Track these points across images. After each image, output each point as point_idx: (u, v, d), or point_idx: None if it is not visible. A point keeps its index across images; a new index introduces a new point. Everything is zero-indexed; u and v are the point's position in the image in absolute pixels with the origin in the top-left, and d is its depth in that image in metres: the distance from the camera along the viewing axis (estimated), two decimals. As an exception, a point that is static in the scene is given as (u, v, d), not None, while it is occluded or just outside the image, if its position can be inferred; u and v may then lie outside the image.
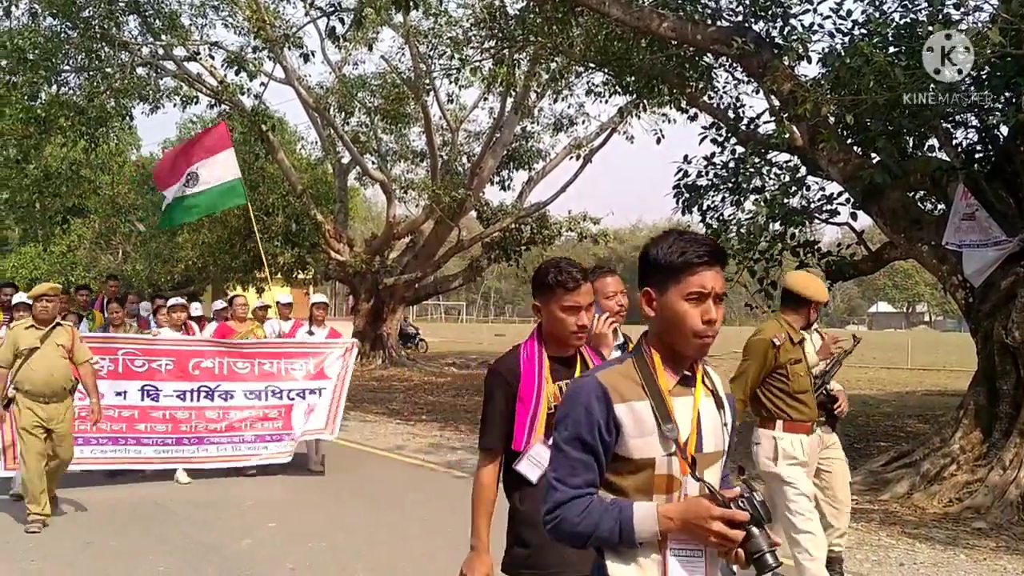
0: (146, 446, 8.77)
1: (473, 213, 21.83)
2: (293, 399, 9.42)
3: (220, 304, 11.08)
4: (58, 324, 7.27)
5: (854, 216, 10.73)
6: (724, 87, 12.17)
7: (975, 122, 9.63)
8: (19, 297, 8.74)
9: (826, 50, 9.35)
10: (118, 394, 8.68)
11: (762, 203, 10.37)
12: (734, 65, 11.39)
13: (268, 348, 9.67)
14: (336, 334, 10.28)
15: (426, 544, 6.85)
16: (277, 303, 10.83)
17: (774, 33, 10.22)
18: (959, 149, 9.65)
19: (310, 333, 10.09)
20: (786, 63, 9.57)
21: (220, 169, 10.60)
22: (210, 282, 24.82)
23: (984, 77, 8.46)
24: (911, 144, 9.95)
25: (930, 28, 7.78)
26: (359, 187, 29.61)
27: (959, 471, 8.69)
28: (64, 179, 24.60)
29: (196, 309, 11.47)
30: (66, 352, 7.17)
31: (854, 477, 9.48)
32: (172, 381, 8.97)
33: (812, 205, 11.15)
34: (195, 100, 18.92)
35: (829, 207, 11.11)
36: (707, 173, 11.31)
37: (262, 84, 18.75)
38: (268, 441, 9.26)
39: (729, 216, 11.17)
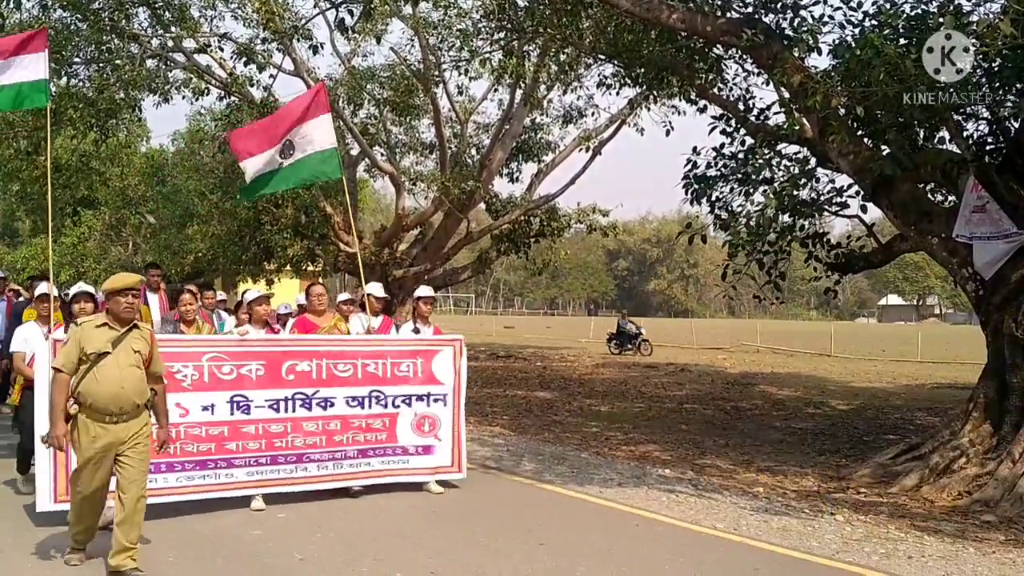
0: (238, 468, 7.47)
1: (482, 205, 21.81)
2: (399, 406, 8.26)
3: (302, 298, 9.93)
4: (135, 325, 5.86)
5: (864, 208, 10.71)
6: (734, 79, 12.14)
7: (986, 114, 9.58)
8: (78, 287, 7.78)
9: (836, 42, 9.32)
10: (204, 408, 7.34)
11: (771, 195, 10.34)
12: (744, 57, 11.35)
13: (371, 346, 8.36)
14: (440, 331, 9.16)
15: (434, 535, 6.88)
16: (369, 296, 9.30)
17: (784, 25, 10.17)
18: (970, 141, 9.62)
19: (415, 331, 8.90)
20: (796, 55, 9.54)
21: (317, 136, 9.19)
22: (219, 274, 24.87)
23: (995, 69, 8.42)
24: (921, 136, 9.92)
25: (941, 20, 7.74)
26: (368, 179, 29.60)
27: (968, 464, 8.69)
28: (74, 171, 24.71)
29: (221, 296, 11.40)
30: (142, 361, 5.80)
31: (862, 469, 9.52)
32: (263, 389, 7.62)
33: (822, 197, 11.11)
34: (205, 92, 18.95)
35: (839, 199, 11.08)
36: (716, 164, 11.28)
37: (271, 76, 18.79)
38: (371, 456, 8.12)
39: (738, 207, 11.15)
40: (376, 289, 9.42)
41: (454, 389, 8.54)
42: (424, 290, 9.36)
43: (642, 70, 11.97)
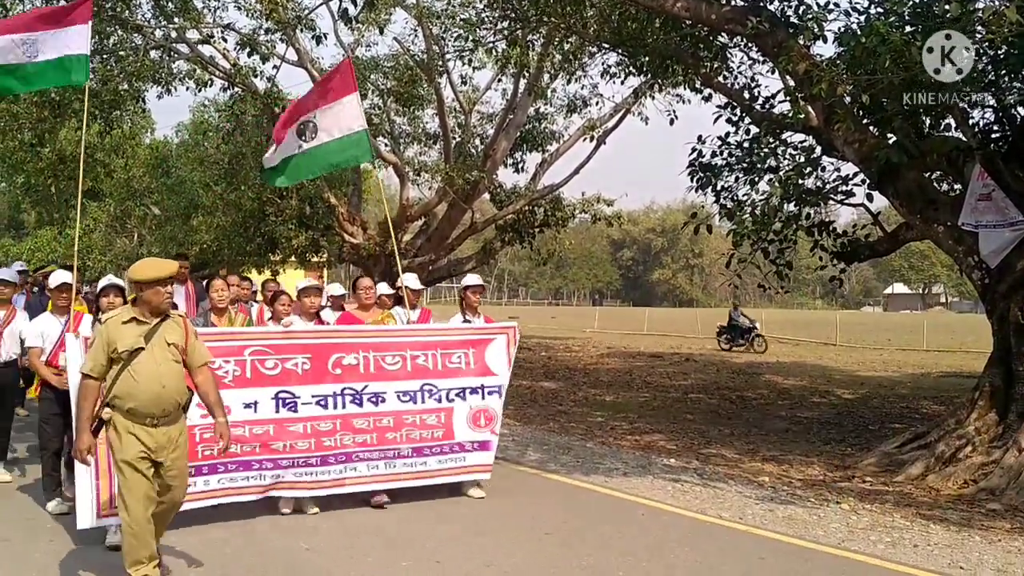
0: (285, 469, 6.92)
1: (486, 195, 21.80)
2: (453, 400, 7.68)
3: (337, 289, 9.43)
4: (166, 315, 5.27)
5: (869, 197, 10.67)
6: (739, 67, 12.11)
7: (992, 102, 9.55)
8: (107, 280, 7.10)
9: (842, 29, 9.27)
10: (247, 406, 6.82)
11: (776, 183, 10.32)
12: (749, 45, 11.32)
13: (419, 336, 7.79)
14: (491, 319, 8.58)
15: (439, 525, 6.88)
16: (405, 288, 8.51)
17: (789, 12, 10.14)
18: (976, 129, 9.59)
19: (466, 323, 8.30)
20: (801, 42, 9.51)
21: (344, 117, 8.45)
22: (224, 265, 24.91)
23: (1001, 56, 8.38)
24: (927, 124, 9.88)
25: (947, 7, 7.70)
26: (372, 169, 29.58)
27: (974, 453, 8.68)
28: (78, 162, 24.69)
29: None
30: (179, 353, 5.24)
31: (868, 459, 9.51)
32: (310, 384, 7.12)
33: (827, 186, 11.09)
34: (209, 83, 18.93)
35: (844, 188, 11.04)
36: (721, 153, 11.26)
37: (275, 67, 18.74)
38: (428, 455, 7.52)
39: (743, 196, 11.13)
40: (412, 280, 8.73)
41: (504, 383, 8.00)
42: (472, 278, 8.61)
43: (646, 59, 11.94)
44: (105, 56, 17.47)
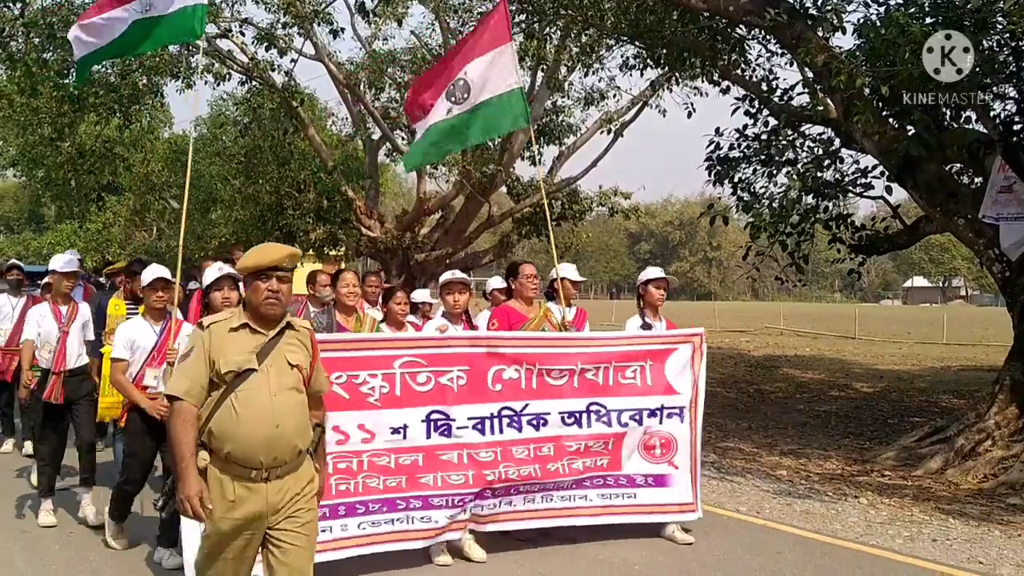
0: (437, 509, 5.64)
1: (503, 188, 21.78)
2: (626, 424, 6.24)
3: (497, 282, 8.16)
4: (288, 324, 3.77)
5: (889, 189, 10.63)
6: (757, 59, 12.07)
7: (1013, 93, 9.46)
8: (218, 269, 5.65)
9: (861, 21, 9.22)
10: (395, 431, 5.56)
11: (795, 176, 10.28)
12: (767, 37, 11.26)
13: (592, 347, 6.28)
14: (673, 325, 7.04)
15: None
16: (564, 280, 7.14)
17: (807, 4, 10.08)
18: (997, 121, 9.50)
19: (645, 327, 6.83)
20: (820, 34, 9.45)
21: (500, 72, 7.08)
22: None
23: (1022, 48, 8.31)
24: (948, 116, 9.82)
25: (968, -2, 7.65)
26: (390, 163, 29.61)
27: (994, 447, 8.62)
28: (98, 156, 24.87)
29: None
30: (304, 377, 3.75)
31: (887, 452, 9.47)
32: (466, 404, 5.78)
33: (846, 178, 11.04)
34: (227, 77, 19.00)
35: (863, 180, 11.00)
36: (739, 145, 11.23)
37: (292, 60, 18.88)
38: (589, 487, 6.21)
39: (761, 189, 11.09)
40: (572, 272, 7.39)
41: (692, 400, 6.48)
42: (654, 271, 7.05)
43: (664, 51, 11.90)
44: (124, 50, 17.54)
